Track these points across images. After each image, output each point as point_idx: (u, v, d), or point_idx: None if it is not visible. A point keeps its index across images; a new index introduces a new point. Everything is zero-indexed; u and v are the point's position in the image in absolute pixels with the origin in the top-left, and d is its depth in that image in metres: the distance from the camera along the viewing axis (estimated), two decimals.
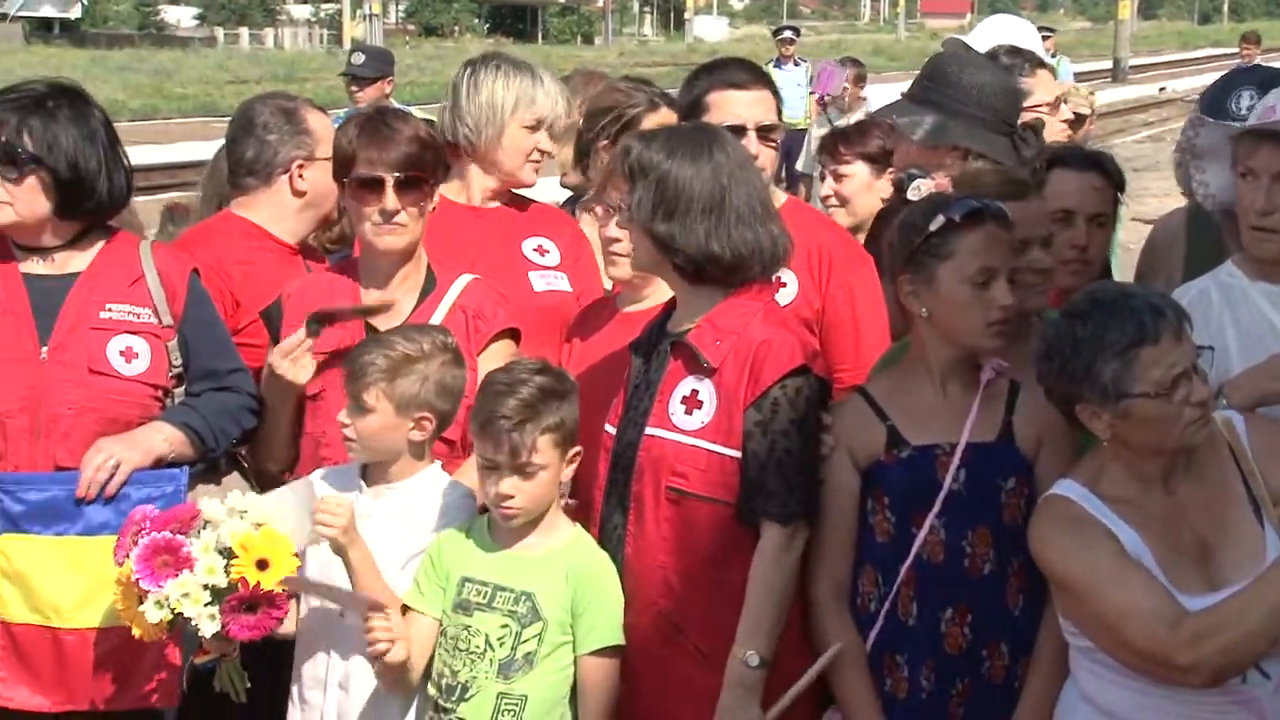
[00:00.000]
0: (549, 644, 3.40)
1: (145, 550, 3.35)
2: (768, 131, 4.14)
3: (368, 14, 38.71)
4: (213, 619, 3.35)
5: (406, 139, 3.83)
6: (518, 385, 3.38)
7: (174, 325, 3.80)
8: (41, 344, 3.68)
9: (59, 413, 3.66)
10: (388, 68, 9.79)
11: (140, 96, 33.33)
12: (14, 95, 3.71)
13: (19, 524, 3.61)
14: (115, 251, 3.81)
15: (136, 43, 59.23)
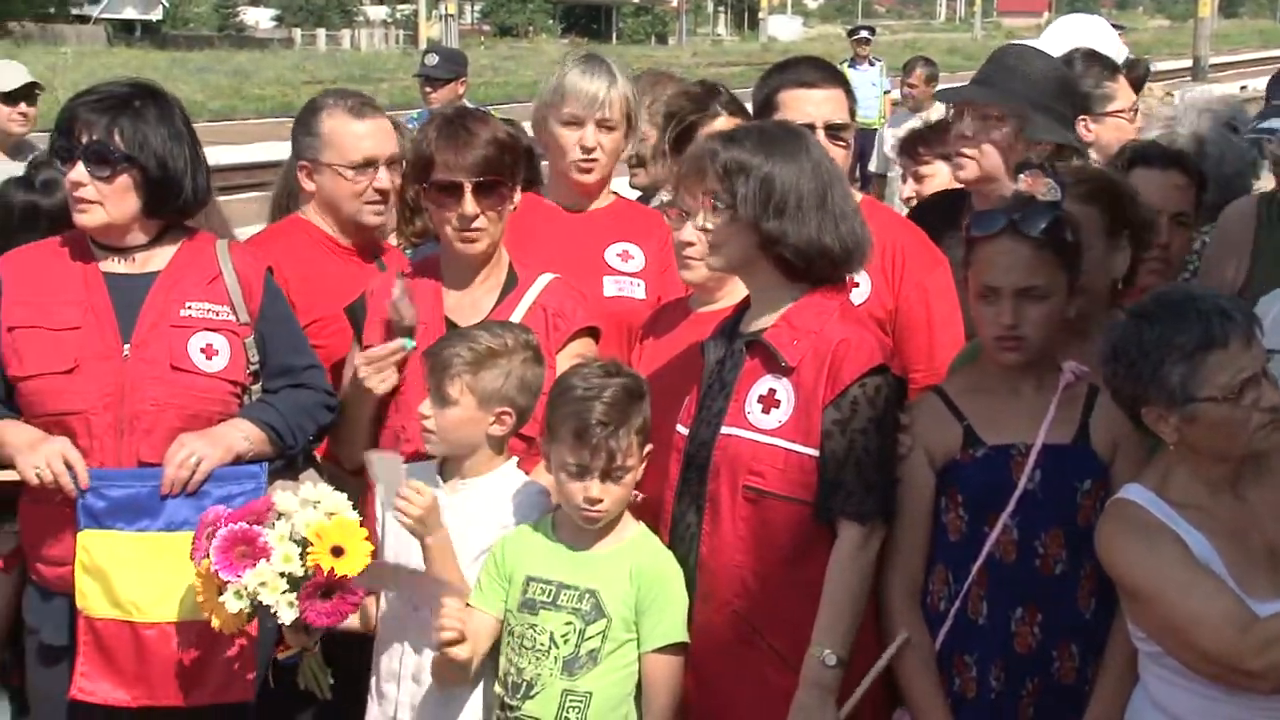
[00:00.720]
0: (613, 641, 3.42)
1: (223, 542, 3.40)
2: (838, 130, 4.14)
3: (443, 15, 38.94)
4: (291, 606, 3.40)
5: (484, 142, 3.84)
6: (602, 389, 3.41)
7: (251, 323, 3.84)
8: (124, 342, 3.74)
9: (141, 409, 3.70)
10: (461, 69, 9.84)
11: (219, 97, 33.66)
12: (99, 96, 3.76)
13: (101, 520, 3.65)
14: (193, 250, 3.87)
15: (216, 44, 59.84)
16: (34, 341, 3.72)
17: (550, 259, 4.10)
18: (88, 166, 3.68)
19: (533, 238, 4.19)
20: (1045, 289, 3.34)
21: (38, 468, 3.58)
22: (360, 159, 4.35)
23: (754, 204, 3.37)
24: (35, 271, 3.80)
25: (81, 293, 3.76)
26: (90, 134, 3.69)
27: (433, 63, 9.61)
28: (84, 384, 3.70)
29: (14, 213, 4.32)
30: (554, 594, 3.45)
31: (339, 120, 4.39)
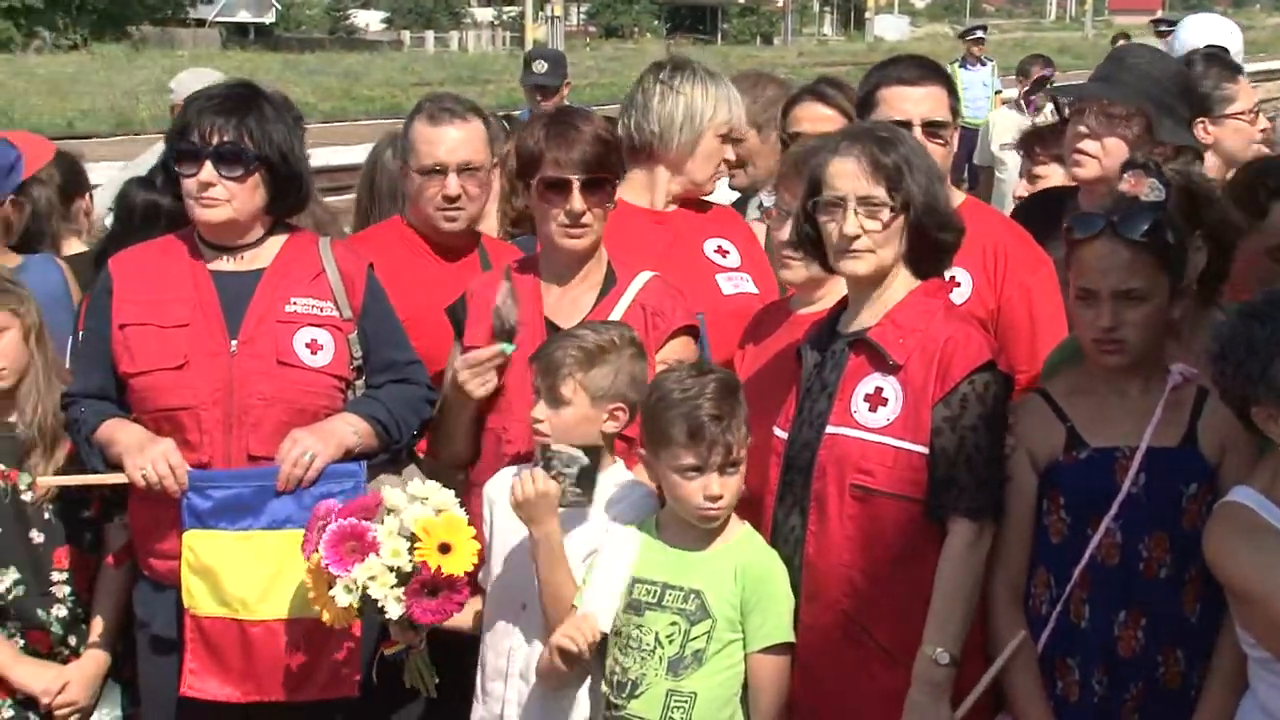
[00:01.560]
0: (718, 641, 3.42)
1: (333, 537, 3.45)
2: (936, 128, 4.13)
3: (549, 16, 39.14)
4: (399, 601, 3.43)
5: (590, 139, 3.87)
6: (702, 387, 3.41)
7: (353, 318, 3.88)
8: (231, 338, 3.80)
9: (250, 403, 3.76)
10: (566, 72, 9.92)
11: (329, 99, 34.13)
12: (218, 97, 3.82)
13: (205, 520, 3.70)
14: (297, 248, 3.93)
15: (326, 46, 60.68)
16: (145, 339, 3.80)
17: (652, 261, 4.11)
18: (218, 167, 3.74)
19: (631, 239, 4.21)
20: (1144, 291, 3.30)
21: (143, 469, 3.64)
22: (429, 164, 4.40)
23: (922, 203, 3.42)
24: (145, 270, 3.88)
25: (190, 290, 3.83)
26: (220, 135, 3.75)
27: (542, 70, 9.62)
28: (194, 379, 3.76)
29: (135, 211, 4.44)
30: (659, 595, 3.46)
31: (418, 125, 4.46)
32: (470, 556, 3.47)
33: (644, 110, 4.43)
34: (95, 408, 3.80)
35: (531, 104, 9.52)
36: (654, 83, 4.44)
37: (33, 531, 3.96)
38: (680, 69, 4.47)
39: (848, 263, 3.44)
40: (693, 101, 4.40)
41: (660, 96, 4.41)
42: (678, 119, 4.39)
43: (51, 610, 3.99)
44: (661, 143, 4.41)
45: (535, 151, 3.89)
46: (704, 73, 4.47)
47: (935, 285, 3.52)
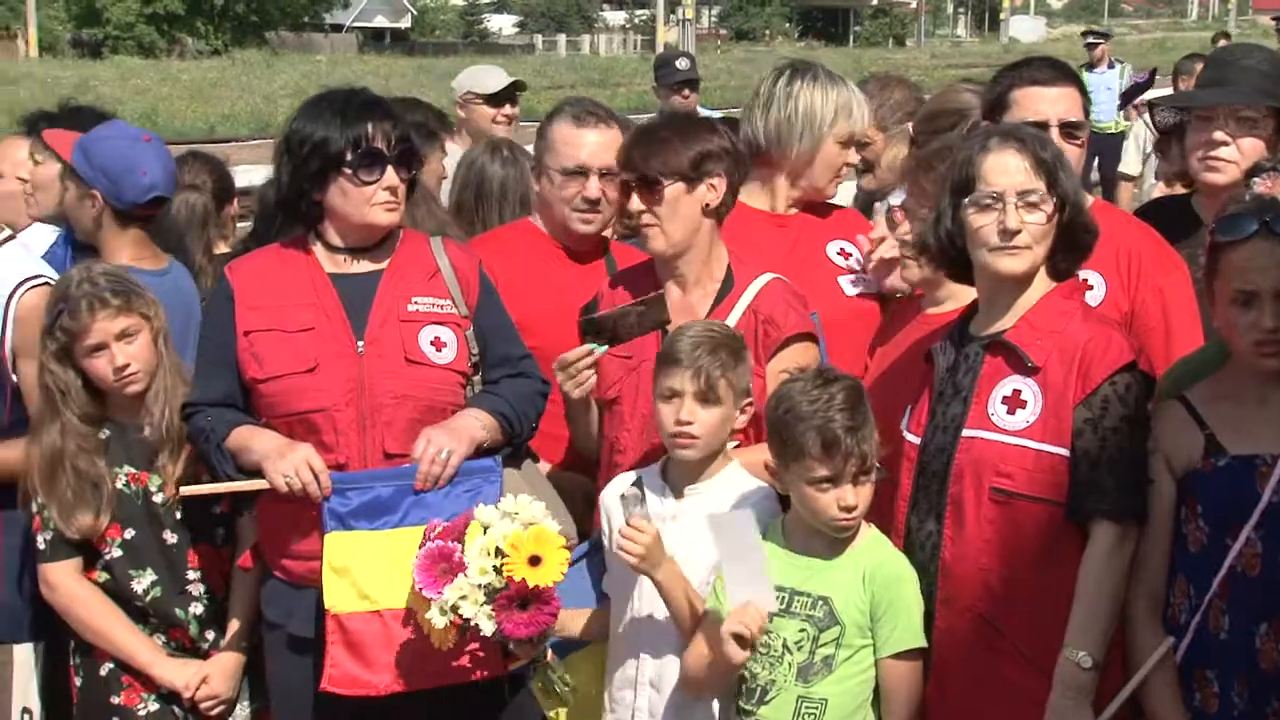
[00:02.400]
0: (847, 648, 3.40)
1: (424, 560, 3.49)
2: (1072, 129, 4.07)
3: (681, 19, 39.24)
4: (490, 619, 3.44)
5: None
6: (830, 397, 3.39)
7: (469, 315, 3.92)
8: (356, 339, 3.83)
9: (382, 402, 3.79)
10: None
11: None
12: (371, 99, 3.89)
13: (345, 522, 3.73)
14: (410, 248, 3.96)
15: (460, 51, 61.34)
16: (272, 344, 3.82)
17: (775, 265, 4.08)
18: (398, 170, 3.82)
19: (752, 242, 4.20)
20: None
21: (286, 476, 3.65)
22: (573, 165, 4.41)
23: (1075, 202, 3.41)
24: (263, 277, 3.91)
25: (311, 294, 3.86)
26: (391, 140, 3.81)
27: (685, 66, 9.65)
28: (325, 382, 3.79)
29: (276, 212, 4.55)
30: (787, 601, 3.44)
31: (562, 126, 4.47)
32: (559, 567, 3.48)
33: (764, 116, 4.41)
34: (223, 416, 3.82)
35: (665, 102, 9.51)
36: (774, 88, 4.41)
37: (166, 532, 4.03)
38: (801, 73, 4.43)
39: (1004, 260, 3.39)
40: (812, 107, 4.36)
41: (780, 102, 4.38)
42: (797, 126, 4.36)
43: (189, 608, 4.07)
44: (780, 149, 4.39)
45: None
46: (825, 77, 4.42)
47: (1071, 287, 3.48)
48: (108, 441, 4.00)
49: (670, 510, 3.63)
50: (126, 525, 3.99)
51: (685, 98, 9.42)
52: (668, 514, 3.62)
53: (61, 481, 3.93)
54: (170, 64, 44.68)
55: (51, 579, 4.00)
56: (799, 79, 4.40)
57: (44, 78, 34.62)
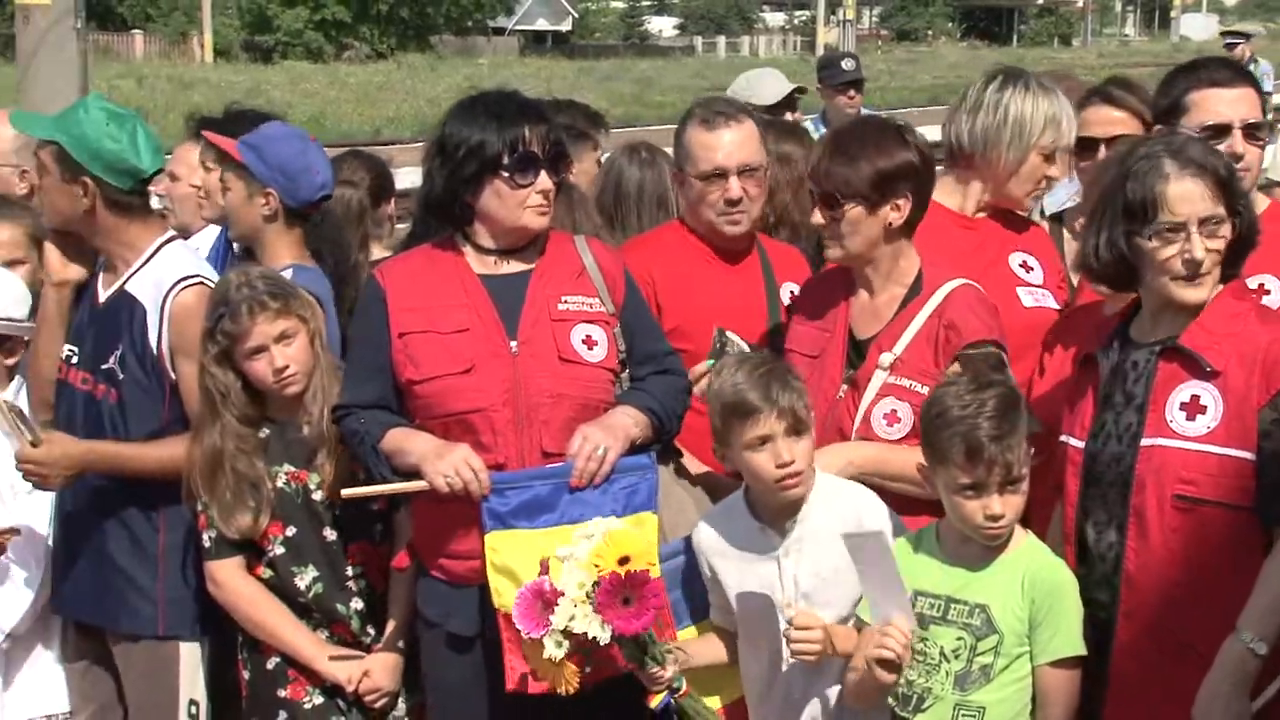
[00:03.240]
0: (1006, 656, 3.34)
1: (521, 610, 3.50)
2: (1254, 130, 3.95)
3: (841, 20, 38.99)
4: (603, 626, 3.42)
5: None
6: (981, 404, 3.34)
7: (616, 312, 3.93)
8: (510, 339, 3.85)
9: (538, 401, 3.81)
10: None
11: (622, 105, 34.71)
12: (526, 104, 3.91)
13: (505, 521, 3.74)
14: (556, 247, 3.98)
15: (620, 53, 61.76)
16: (427, 346, 3.85)
17: (954, 261, 4.02)
18: (550, 173, 3.84)
19: (937, 241, 4.12)
20: None
21: (447, 476, 3.67)
22: (710, 169, 4.38)
23: (1247, 215, 3.36)
24: (415, 279, 3.93)
25: (463, 296, 3.88)
26: (545, 144, 3.83)
27: (851, 67, 9.56)
28: (482, 382, 3.81)
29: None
30: (943, 609, 3.40)
31: (693, 130, 4.45)
32: (651, 553, 3.48)
33: (970, 119, 4.32)
34: (376, 418, 3.85)
35: (830, 104, 9.43)
36: (984, 93, 4.31)
37: (325, 530, 4.09)
38: (1013, 81, 4.32)
39: (1189, 291, 3.33)
40: (1022, 116, 4.26)
41: (989, 109, 4.29)
42: (1005, 136, 4.26)
43: (350, 604, 4.12)
44: (985, 156, 4.30)
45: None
46: (1037, 86, 4.31)
47: (1239, 288, 3.41)
48: (267, 441, 4.07)
49: (779, 548, 3.60)
50: (288, 523, 4.07)
51: (850, 99, 9.33)
52: (778, 553, 3.60)
53: (221, 482, 4.01)
54: (337, 68, 45.64)
55: (217, 576, 4.08)
56: (1010, 86, 4.31)
57: (218, 82, 35.60)
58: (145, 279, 4.15)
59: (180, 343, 4.10)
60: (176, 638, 4.23)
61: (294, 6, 53.76)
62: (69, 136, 4.06)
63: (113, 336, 4.14)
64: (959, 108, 4.39)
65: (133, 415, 4.13)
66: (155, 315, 4.10)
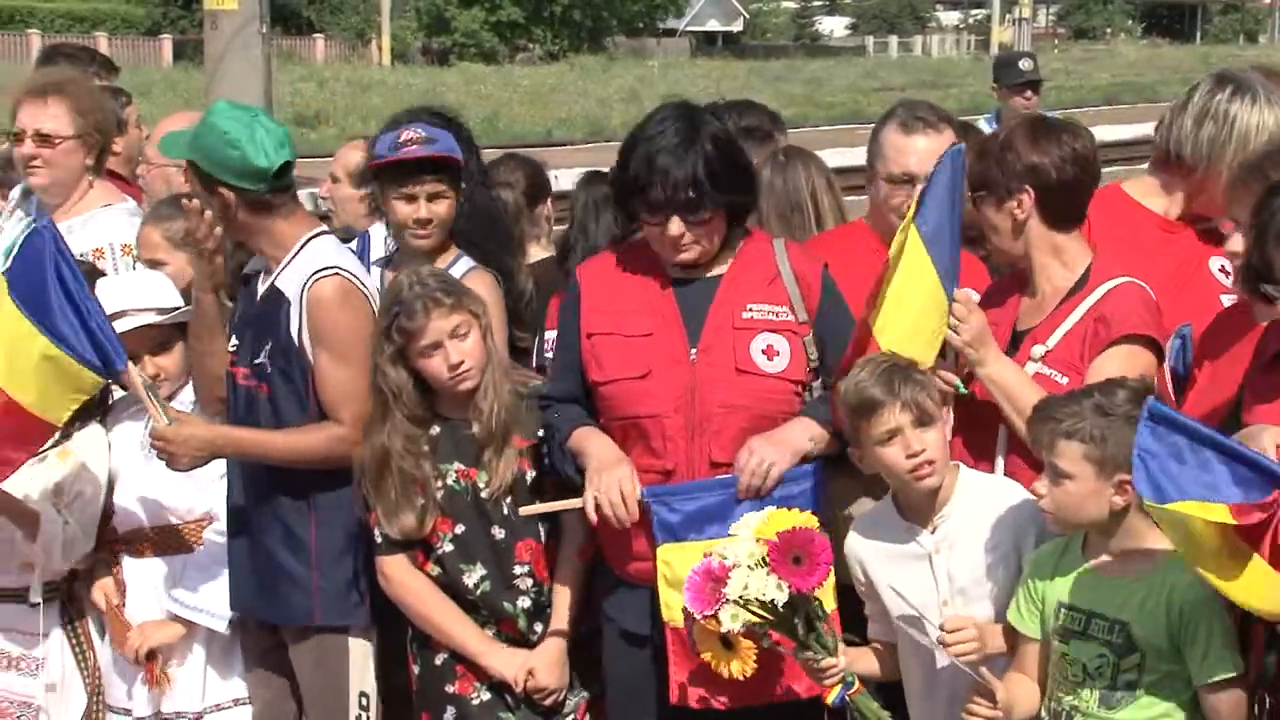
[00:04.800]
0: (1151, 673, 3.25)
1: (692, 594, 3.51)
2: None
3: (1017, 18, 38.34)
4: (780, 587, 3.42)
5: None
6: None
7: (809, 320, 3.90)
8: (691, 346, 3.87)
9: (711, 411, 3.82)
10: None
11: (793, 105, 34.53)
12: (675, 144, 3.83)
13: (676, 533, 3.77)
14: (753, 251, 3.97)
15: (791, 53, 61.46)
16: (612, 348, 3.91)
17: (1154, 269, 3.94)
18: (683, 217, 3.82)
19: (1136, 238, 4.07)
20: None
21: (596, 495, 3.74)
22: (899, 172, 4.35)
23: None
24: (610, 279, 3.99)
25: (652, 300, 3.93)
26: (683, 189, 3.79)
27: (1028, 67, 9.42)
28: (657, 388, 3.85)
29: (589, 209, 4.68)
30: (1084, 623, 3.33)
31: (890, 132, 4.42)
32: (810, 518, 3.48)
33: (1195, 128, 4.19)
34: (568, 414, 3.96)
35: (1006, 104, 9.29)
36: (1211, 101, 4.18)
37: (494, 528, 4.10)
38: (1241, 91, 4.18)
39: None
40: (1248, 130, 4.13)
41: (1217, 119, 4.16)
42: (1230, 148, 4.13)
43: (517, 602, 4.14)
44: (1206, 167, 4.18)
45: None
46: (1264, 98, 4.17)
47: None
48: (438, 439, 4.11)
49: (929, 545, 3.59)
50: (457, 520, 4.10)
51: (1027, 100, 9.18)
52: (928, 550, 3.58)
53: (387, 482, 4.05)
54: (511, 70, 46.20)
55: (387, 571, 4.14)
56: (1240, 98, 4.17)
57: (395, 84, 36.27)
58: (291, 273, 4.20)
59: (314, 332, 4.14)
60: (339, 629, 4.27)
61: (470, 8, 54.58)
62: (197, 152, 4.15)
63: (264, 332, 4.22)
64: (1181, 113, 4.25)
65: (282, 409, 4.20)
66: (296, 307, 4.16)
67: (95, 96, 5.35)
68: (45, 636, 4.55)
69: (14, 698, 4.58)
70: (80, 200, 5.22)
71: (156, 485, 4.41)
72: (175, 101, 24.28)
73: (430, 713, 4.20)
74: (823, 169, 4.98)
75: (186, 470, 4.19)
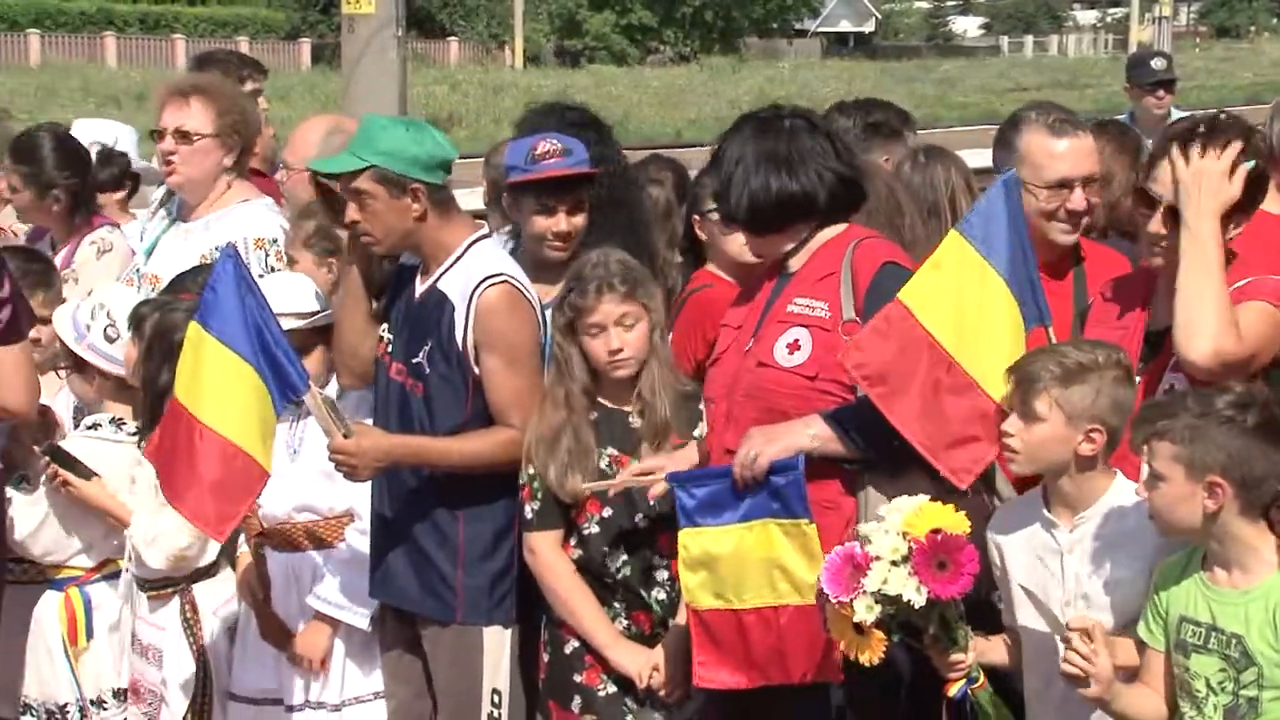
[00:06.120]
0: (1271, 689, 3.17)
1: (830, 575, 3.48)
2: None
3: (1156, 17, 37.64)
4: (919, 590, 3.39)
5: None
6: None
7: (856, 319, 3.83)
8: (753, 336, 3.95)
9: (739, 400, 3.90)
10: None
11: (924, 106, 34.25)
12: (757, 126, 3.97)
13: (693, 518, 3.81)
14: (829, 248, 3.95)
15: (923, 54, 60.94)
16: (721, 337, 4.09)
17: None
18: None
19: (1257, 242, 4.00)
20: None
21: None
22: (1055, 179, 4.28)
23: None
24: (752, 272, 4.16)
25: (760, 290, 4.03)
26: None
27: (1161, 66, 9.31)
28: (717, 375, 4.00)
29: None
30: (1204, 637, 3.26)
31: (1037, 137, 4.33)
32: (963, 520, 3.42)
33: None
34: None
35: (1138, 104, 9.18)
36: None
37: (639, 516, 4.13)
38: None
39: None
40: None
41: None
42: None
43: (653, 593, 4.18)
44: None
45: None
46: None
47: None
48: (596, 422, 4.18)
49: (1064, 543, 3.55)
50: (605, 504, 4.16)
51: (1160, 99, 9.05)
52: (1063, 547, 3.55)
53: (562, 444, 4.10)
54: (641, 71, 46.39)
55: (535, 546, 4.18)
56: None
57: (526, 86, 36.60)
58: (455, 276, 4.24)
59: (484, 338, 4.17)
60: (479, 625, 4.29)
61: (602, 10, 54.90)
62: (383, 155, 4.15)
63: (423, 332, 4.25)
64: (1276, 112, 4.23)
65: (438, 410, 4.23)
66: (462, 311, 4.19)
67: (236, 99, 5.47)
68: (164, 629, 4.70)
69: (148, 685, 4.74)
70: (218, 198, 5.34)
71: (300, 483, 4.51)
72: (313, 104, 24.78)
73: (557, 701, 4.25)
74: (963, 169, 4.91)
75: (367, 480, 4.25)
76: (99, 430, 4.82)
